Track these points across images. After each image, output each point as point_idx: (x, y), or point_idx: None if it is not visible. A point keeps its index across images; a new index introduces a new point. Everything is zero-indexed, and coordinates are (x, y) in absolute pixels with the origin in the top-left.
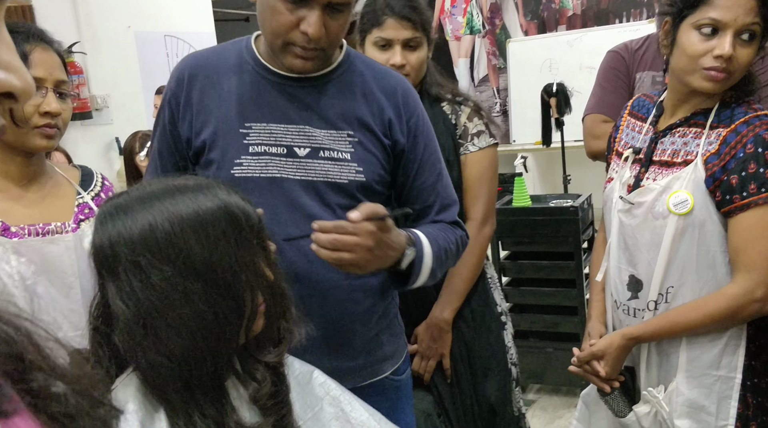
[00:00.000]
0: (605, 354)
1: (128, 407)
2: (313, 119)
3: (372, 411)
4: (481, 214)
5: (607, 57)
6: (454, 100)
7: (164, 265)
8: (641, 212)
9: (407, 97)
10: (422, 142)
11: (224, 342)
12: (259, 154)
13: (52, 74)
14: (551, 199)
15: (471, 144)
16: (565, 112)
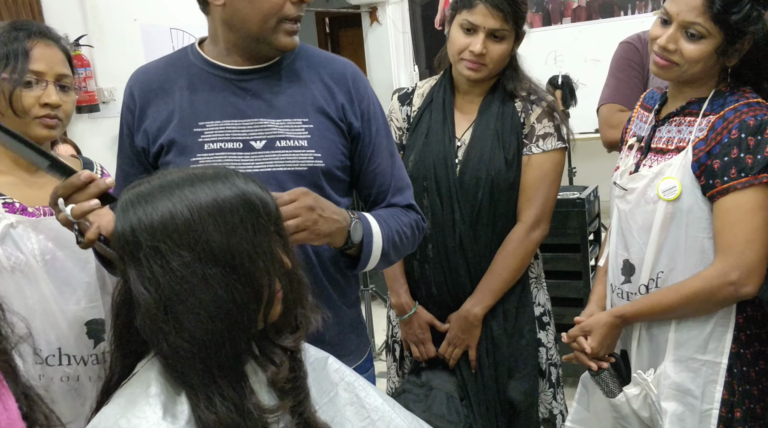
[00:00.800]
0: (592, 330)
1: (150, 390)
2: (266, 110)
3: (385, 397)
4: (532, 218)
5: (620, 48)
6: (528, 98)
7: (184, 251)
8: (634, 198)
9: (357, 82)
10: (375, 125)
11: (242, 326)
12: (215, 151)
13: (53, 68)
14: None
15: (535, 145)
16: (571, 104)
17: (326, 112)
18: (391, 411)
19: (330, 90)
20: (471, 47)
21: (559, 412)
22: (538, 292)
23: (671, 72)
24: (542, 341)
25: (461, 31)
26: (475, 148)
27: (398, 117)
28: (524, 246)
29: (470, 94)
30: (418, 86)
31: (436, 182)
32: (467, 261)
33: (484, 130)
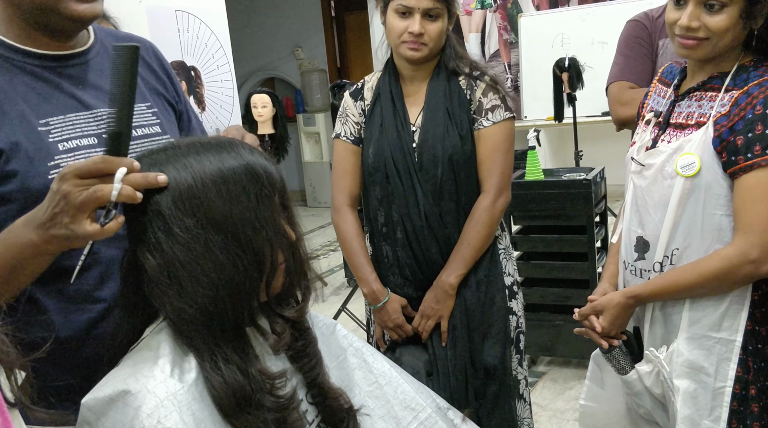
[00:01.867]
0: (604, 309)
1: (159, 352)
2: (104, 97)
3: (392, 364)
4: (494, 187)
5: (627, 26)
6: (471, 74)
7: (186, 217)
8: (651, 174)
9: (163, 59)
10: (188, 103)
11: (243, 294)
12: (73, 150)
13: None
14: (564, 172)
15: (485, 119)
16: (578, 87)
17: (160, 92)
18: (398, 377)
19: (150, 68)
20: (409, 29)
21: (524, 377)
22: (507, 262)
23: (701, 50)
24: (512, 309)
25: (397, 16)
26: (428, 129)
27: (353, 112)
28: (491, 214)
29: (415, 80)
30: (366, 81)
31: (396, 168)
32: (436, 239)
33: (434, 111)
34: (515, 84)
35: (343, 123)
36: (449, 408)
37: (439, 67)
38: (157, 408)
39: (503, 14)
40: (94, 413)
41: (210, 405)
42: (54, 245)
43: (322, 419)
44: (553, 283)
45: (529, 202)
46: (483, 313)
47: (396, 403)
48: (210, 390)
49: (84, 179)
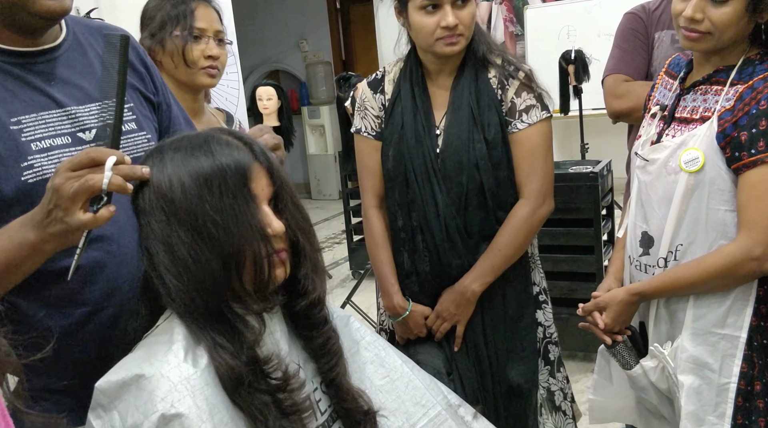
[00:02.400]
0: (608, 306)
1: (173, 338)
2: (79, 96)
3: (405, 359)
4: (535, 193)
5: (624, 19)
6: (503, 68)
7: (160, 213)
8: (655, 169)
9: (139, 49)
10: (169, 93)
11: (210, 286)
12: (47, 149)
13: (212, 25)
14: (570, 165)
15: (519, 121)
16: (584, 79)
17: (135, 86)
18: (410, 372)
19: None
20: (442, 23)
21: (559, 389)
22: (534, 272)
23: (704, 43)
24: (539, 320)
25: (423, 13)
26: (452, 134)
27: (373, 106)
28: (530, 223)
29: (441, 74)
30: (387, 72)
31: (416, 175)
32: (458, 252)
33: (459, 113)
34: None
35: (362, 117)
36: (460, 405)
37: (467, 57)
38: (170, 392)
39: (509, 6)
40: (108, 396)
41: (222, 390)
42: (51, 244)
43: (338, 417)
44: (559, 276)
45: None
46: (508, 328)
47: (407, 398)
48: (217, 371)
49: (75, 171)
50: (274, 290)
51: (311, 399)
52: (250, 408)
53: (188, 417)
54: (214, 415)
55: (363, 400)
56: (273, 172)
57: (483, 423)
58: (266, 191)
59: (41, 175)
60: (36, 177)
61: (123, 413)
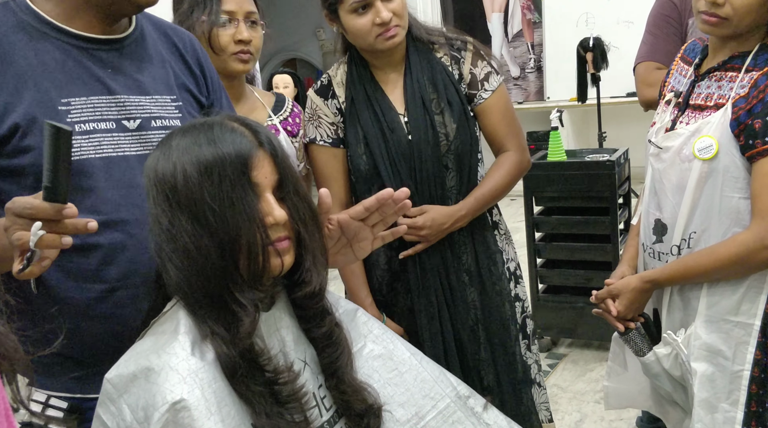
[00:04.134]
0: (621, 293)
1: (179, 328)
2: (133, 87)
3: (414, 351)
4: (519, 146)
5: (657, 4)
6: (450, 45)
7: (163, 200)
8: (669, 157)
9: (202, 51)
10: (221, 97)
11: (209, 273)
12: (88, 133)
13: (242, 7)
14: (587, 153)
15: (483, 91)
16: (602, 67)
17: (188, 88)
18: (418, 365)
19: (186, 62)
20: (377, 20)
21: (534, 362)
22: (509, 247)
23: (723, 28)
24: (519, 295)
25: (355, 15)
26: (417, 122)
27: (327, 113)
28: (519, 168)
29: (389, 66)
30: (333, 76)
31: (391, 170)
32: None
33: (417, 100)
34: (538, 64)
35: (316, 126)
36: (470, 396)
37: (409, 44)
38: (179, 384)
39: None
40: (117, 389)
41: (230, 385)
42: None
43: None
44: (574, 265)
45: (551, 183)
46: (492, 307)
47: (416, 391)
48: (218, 359)
49: (19, 218)
50: (272, 281)
51: (315, 395)
52: (248, 396)
53: (197, 408)
54: (222, 408)
55: (367, 394)
56: (278, 159)
57: (493, 413)
58: (270, 179)
59: (79, 155)
60: (74, 156)
61: (133, 405)
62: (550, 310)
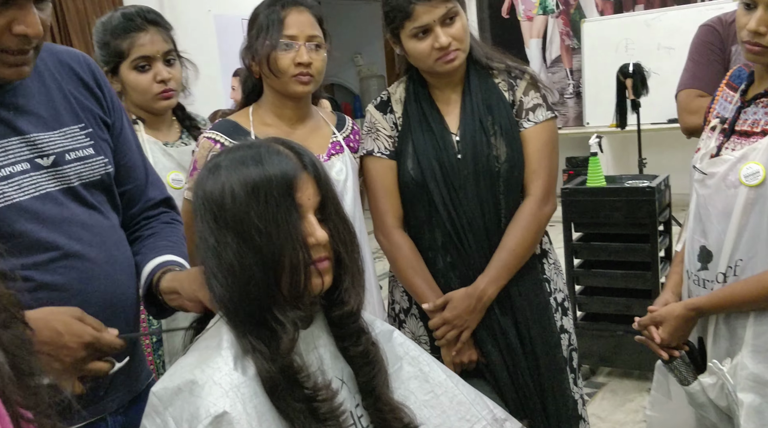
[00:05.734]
0: (665, 320)
1: (222, 343)
2: (39, 123)
3: (450, 373)
4: (541, 191)
5: (699, 31)
6: (508, 72)
7: (210, 219)
8: (714, 183)
9: (98, 71)
10: (123, 116)
11: (253, 290)
12: (7, 177)
13: (303, 31)
14: (627, 179)
15: (526, 120)
16: (642, 93)
17: (93, 110)
18: (454, 387)
19: (86, 85)
20: (436, 44)
21: (579, 397)
22: (557, 278)
23: (766, 56)
24: (565, 327)
25: (415, 40)
26: (468, 140)
27: (384, 126)
28: (538, 220)
29: (448, 86)
30: (392, 93)
31: (438, 185)
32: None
33: (471, 119)
34: (577, 90)
35: (374, 139)
36: (506, 419)
37: (470, 66)
38: (221, 398)
39: (566, 20)
40: (163, 402)
41: (270, 400)
42: None
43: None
44: (614, 292)
45: (591, 209)
46: (534, 326)
47: (452, 413)
48: (259, 374)
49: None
50: (312, 300)
51: (353, 414)
52: (287, 412)
53: (239, 422)
54: (262, 423)
55: (404, 413)
56: (320, 182)
57: None
58: (312, 201)
59: (3, 202)
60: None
61: (177, 418)
62: (588, 338)
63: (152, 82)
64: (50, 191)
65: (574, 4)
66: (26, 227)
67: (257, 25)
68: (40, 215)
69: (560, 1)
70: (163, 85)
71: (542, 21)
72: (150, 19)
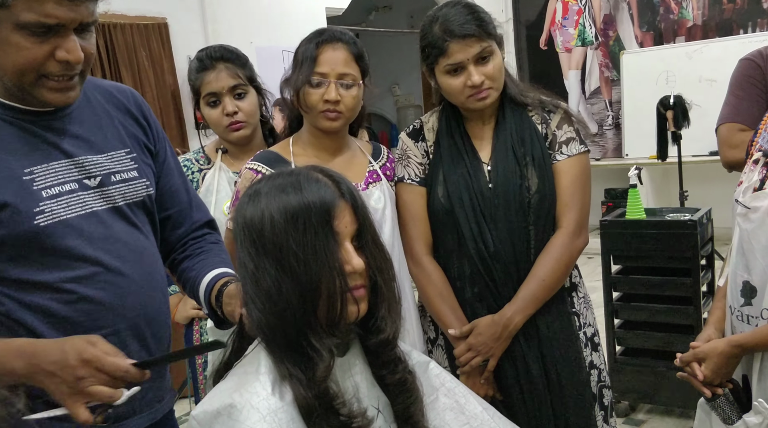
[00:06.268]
0: (707, 357)
1: (260, 369)
2: (87, 148)
3: (486, 406)
4: (573, 223)
5: (740, 65)
6: (541, 106)
7: (250, 246)
8: (758, 217)
9: (144, 104)
10: (167, 143)
11: (289, 316)
12: (56, 196)
13: (334, 69)
14: (667, 212)
15: (559, 153)
16: (683, 125)
17: (138, 137)
18: (490, 420)
19: (132, 115)
20: (468, 82)
21: None
22: (587, 312)
23: None
24: (595, 363)
25: (449, 76)
26: (500, 172)
27: (416, 153)
28: (569, 252)
29: (481, 119)
30: (425, 121)
31: (466, 213)
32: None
33: (504, 151)
34: (616, 121)
35: (405, 166)
36: None
37: (503, 101)
38: (259, 422)
39: (605, 51)
40: (203, 426)
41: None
42: (32, 384)
43: None
44: (654, 327)
45: (630, 241)
46: (564, 372)
47: None
48: (295, 400)
49: (101, 373)
50: (348, 327)
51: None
52: None
53: None
54: None
55: None
56: (358, 210)
57: None
58: (350, 229)
59: (51, 219)
60: (47, 220)
61: None
62: (628, 373)
63: (221, 116)
64: (96, 209)
65: (613, 36)
66: (72, 243)
67: (296, 58)
68: (85, 232)
69: (599, 33)
70: (230, 118)
71: (581, 53)
72: (216, 56)
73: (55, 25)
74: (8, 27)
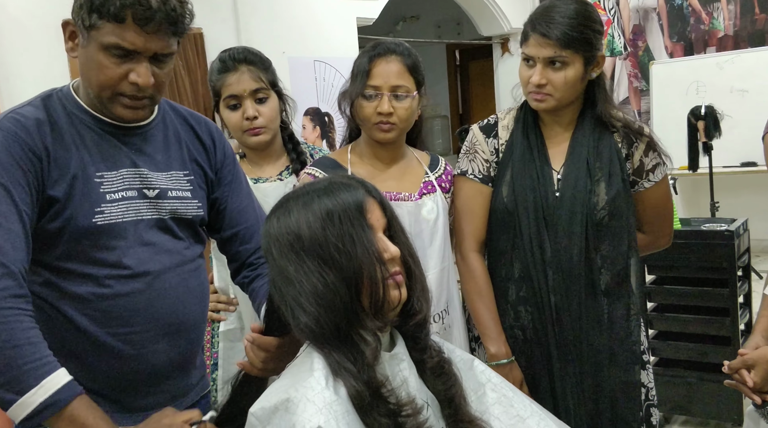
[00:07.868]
0: (756, 364)
1: (314, 366)
2: (152, 164)
3: (532, 400)
4: (661, 231)
5: None
6: (626, 131)
7: (287, 250)
8: None
9: (216, 131)
10: (233, 166)
11: (338, 307)
12: (117, 200)
13: (387, 82)
14: (701, 223)
15: (647, 180)
16: (714, 136)
17: (199, 161)
18: (540, 412)
19: (202, 142)
20: (532, 79)
21: None
22: (638, 330)
23: None
24: (644, 382)
25: (524, 64)
26: (570, 182)
27: (484, 149)
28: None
29: (558, 125)
30: (500, 118)
31: (528, 218)
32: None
33: (577, 162)
34: None
35: (470, 160)
36: None
37: (584, 115)
38: (316, 414)
39: (634, 62)
40: (261, 421)
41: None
42: None
43: None
44: (689, 338)
45: (665, 252)
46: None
47: None
48: (348, 392)
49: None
50: (392, 311)
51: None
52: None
53: None
54: None
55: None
56: (385, 206)
57: None
58: (381, 222)
59: (107, 220)
60: (104, 221)
61: None
62: (661, 384)
63: (241, 120)
64: (146, 218)
65: (643, 46)
66: (119, 244)
67: (352, 71)
68: (133, 236)
69: (628, 43)
70: (250, 122)
71: (610, 62)
72: (239, 58)
73: (132, 51)
74: (96, 46)
